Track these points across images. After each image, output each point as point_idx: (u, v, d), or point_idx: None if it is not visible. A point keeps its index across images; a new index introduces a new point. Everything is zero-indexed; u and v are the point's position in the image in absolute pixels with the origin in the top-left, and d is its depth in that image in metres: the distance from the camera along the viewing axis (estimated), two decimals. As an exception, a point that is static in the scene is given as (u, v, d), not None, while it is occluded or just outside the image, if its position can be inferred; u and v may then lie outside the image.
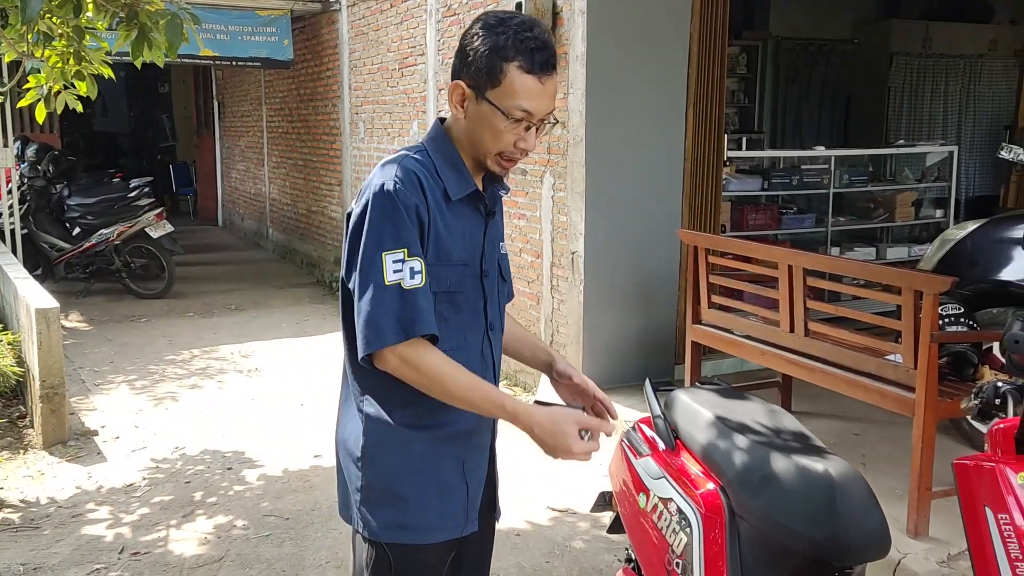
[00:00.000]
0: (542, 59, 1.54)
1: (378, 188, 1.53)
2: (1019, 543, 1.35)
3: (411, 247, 1.51)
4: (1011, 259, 3.66)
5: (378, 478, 1.61)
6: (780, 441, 2.07)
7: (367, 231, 1.52)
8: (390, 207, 1.51)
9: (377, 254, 1.50)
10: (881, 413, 4.04)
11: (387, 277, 1.49)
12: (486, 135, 1.57)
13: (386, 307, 1.48)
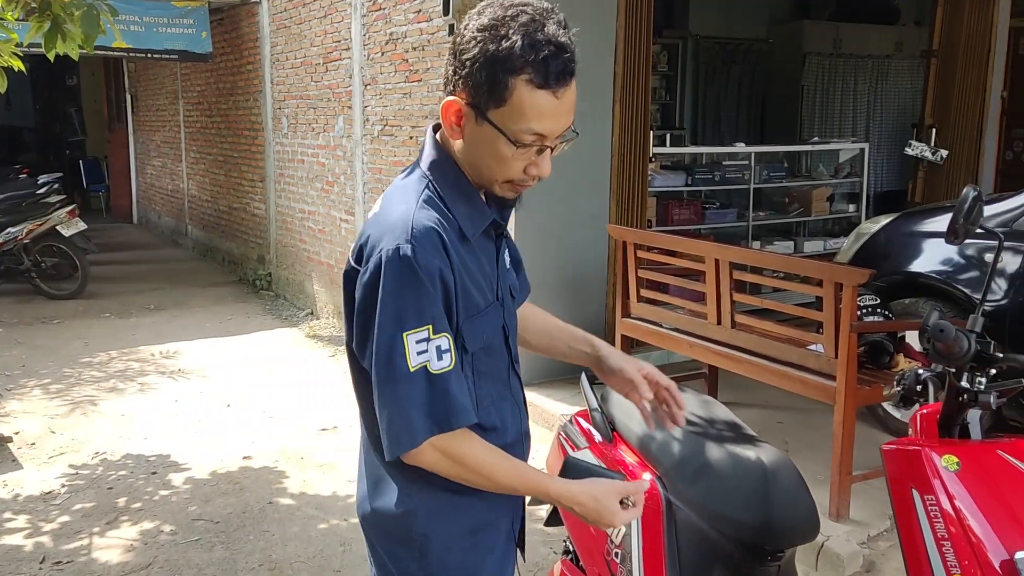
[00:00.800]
0: (558, 68, 1.23)
1: (391, 252, 1.25)
2: (944, 522, 1.42)
3: (436, 322, 1.26)
4: (921, 251, 3.84)
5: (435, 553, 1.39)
6: (714, 431, 2.13)
7: (382, 306, 1.26)
8: (409, 276, 1.24)
9: (397, 335, 1.24)
10: (802, 401, 4.19)
11: (411, 362, 1.24)
12: (490, 161, 1.30)
13: (414, 399, 1.25)
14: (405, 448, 1.27)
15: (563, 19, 1.27)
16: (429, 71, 5.13)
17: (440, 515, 1.36)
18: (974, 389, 1.51)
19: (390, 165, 5.69)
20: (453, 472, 1.31)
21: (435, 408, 1.26)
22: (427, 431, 1.26)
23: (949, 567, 1.41)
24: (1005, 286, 3.42)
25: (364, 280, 1.29)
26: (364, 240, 1.31)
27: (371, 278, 1.27)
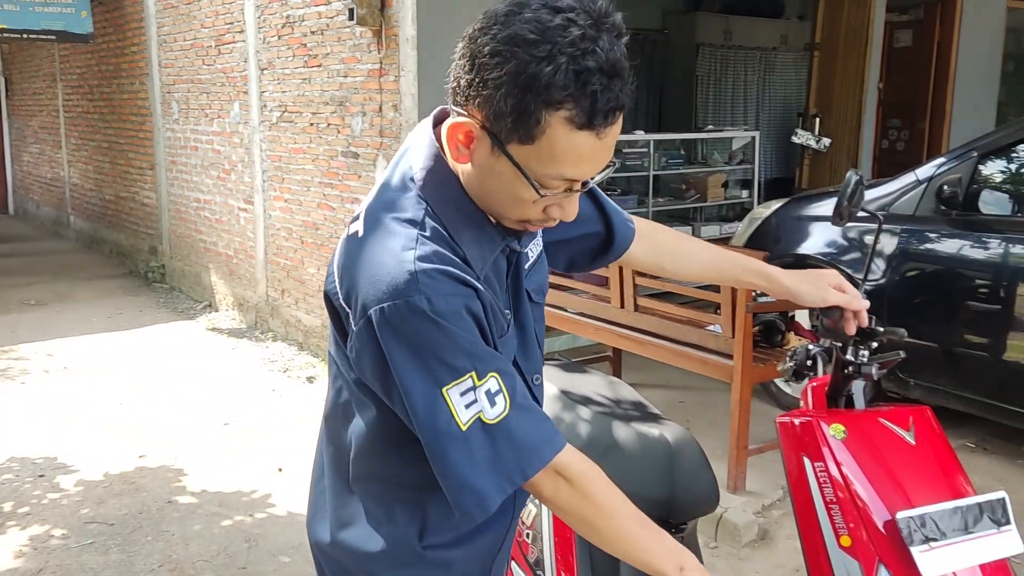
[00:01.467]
0: (608, 104, 0.97)
1: (401, 306, 1.02)
2: (833, 488, 1.51)
3: (478, 365, 1.05)
4: (809, 234, 4.03)
5: None
6: (621, 411, 2.19)
7: (406, 369, 1.04)
8: (430, 330, 1.02)
9: (435, 395, 1.04)
10: (701, 380, 4.34)
11: (461, 420, 1.04)
12: (503, 198, 1.07)
13: (476, 461, 1.05)
14: (480, 518, 1.08)
15: (619, 23, 1.00)
16: (329, 56, 5.03)
17: (409, 566, 1.22)
18: (858, 362, 1.60)
19: (290, 152, 5.57)
20: (573, 506, 1.11)
21: (502, 462, 1.06)
22: (499, 491, 1.06)
23: (837, 529, 1.49)
24: (884, 266, 3.63)
25: (365, 334, 1.07)
26: (353, 284, 1.08)
27: (380, 336, 1.04)
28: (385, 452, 1.21)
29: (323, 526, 1.28)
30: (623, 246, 1.47)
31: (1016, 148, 3.52)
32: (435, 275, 1.03)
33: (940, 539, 1.41)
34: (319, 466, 1.34)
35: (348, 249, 1.12)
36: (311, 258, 5.47)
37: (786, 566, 2.90)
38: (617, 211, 1.47)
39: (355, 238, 1.12)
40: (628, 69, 0.99)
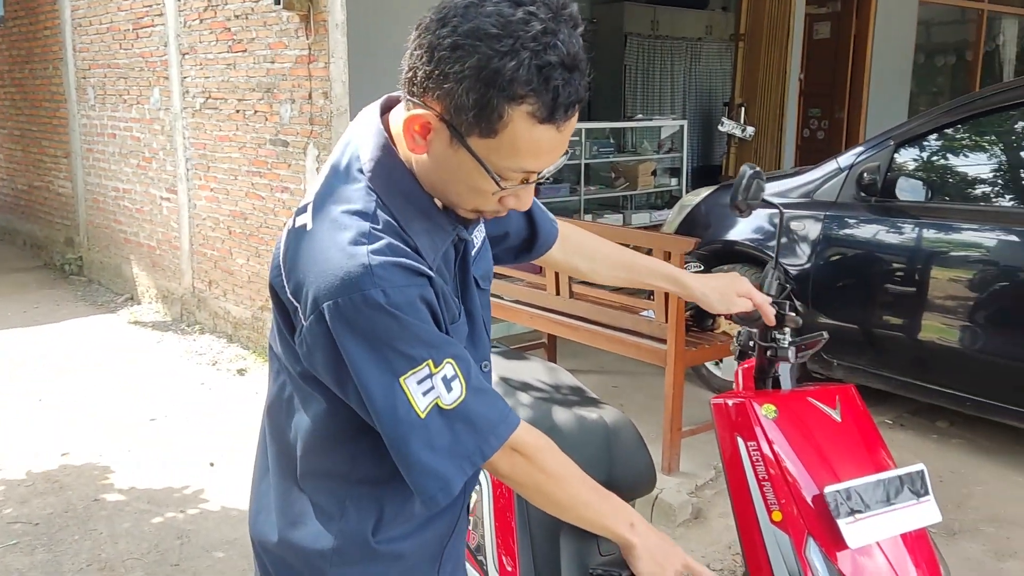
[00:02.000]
0: (569, 98, 0.99)
1: (356, 300, 1.02)
2: (765, 465, 1.56)
3: (434, 352, 1.05)
4: (736, 221, 4.13)
5: None
6: (560, 396, 2.22)
7: (363, 362, 1.04)
8: (387, 322, 1.02)
9: (393, 387, 1.04)
10: (634, 365, 4.42)
11: (419, 407, 1.05)
12: (460, 189, 1.08)
13: (436, 446, 1.06)
14: (445, 502, 1.10)
15: (575, 13, 1.01)
16: (255, 41, 4.92)
17: (360, 562, 1.20)
18: (777, 346, 1.67)
19: (215, 140, 5.43)
20: (529, 479, 1.14)
21: (461, 445, 1.07)
22: (461, 473, 1.08)
23: (769, 504, 1.55)
24: (808, 251, 3.75)
25: (317, 329, 1.06)
26: (303, 278, 1.06)
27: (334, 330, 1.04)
28: (335, 447, 1.19)
29: (268, 525, 1.26)
30: (546, 246, 1.51)
31: (929, 137, 3.68)
32: (389, 268, 1.03)
33: (864, 511, 1.48)
34: (262, 463, 1.31)
35: (296, 242, 1.10)
36: (240, 248, 5.36)
37: (719, 543, 2.99)
38: (543, 213, 1.50)
39: (303, 231, 1.10)
40: (586, 60, 1.01)
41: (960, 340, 3.38)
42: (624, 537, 1.20)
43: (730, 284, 1.59)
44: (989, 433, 3.72)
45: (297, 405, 1.21)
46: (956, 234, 3.40)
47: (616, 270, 1.60)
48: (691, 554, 2.94)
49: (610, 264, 1.60)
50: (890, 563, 1.51)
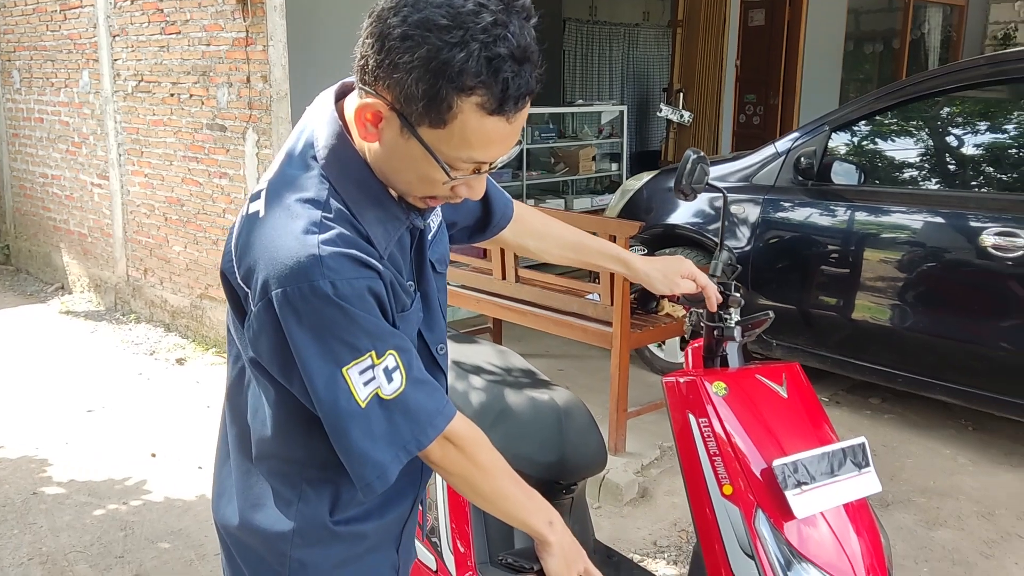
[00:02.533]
0: (519, 90, 0.99)
1: (304, 290, 1.02)
2: (716, 441, 1.61)
3: (377, 344, 1.06)
4: (678, 205, 4.21)
5: None
6: (511, 378, 2.25)
7: (306, 351, 1.05)
8: (332, 312, 1.03)
9: (336, 376, 1.05)
10: (578, 349, 4.48)
11: (360, 397, 1.06)
12: (411, 177, 1.08)
13: (375, 435, 1.08)
14: (381, 489, 1.12)
15: (528, 5, 1.02)
16: (189, 23, 4.79)
17: (321, 543, 1.22)
18: (723, 326, 1.72)
19: (149, 125, 5.28)
20: (460, 469, 1.17)
21: (399, 434, 1.09)
22: (397, 461, 1.10)
23: (720, 479, 1.60)
24: (747, 234, 3.85)
25: (264, 316, 1.06)
26: (253, 265, 1.06)
27: (281, 317, 1.04)
28: (289, 432, 1.19)
29: (230, 509, 1.26)
30: (500, 225, 1.52)
31: (861, 123, 3.80)
32: (339, 259, 1.03)
33: (810, 483, 1.54)
34: (222, 448, 1.32)
35: (248, 228, 1.10)
36: (176, 236, 5.24)
37: (665, 520, 3.06)
38: (499, 193, 1.51)
39: (256, 217, 1.09)
40: (537, 52, 1.01)
41: (891, 319, 3.51)
42: (542, 534, 1.23)
43: (674, 266, 1.63)
44: (919, 408, 3.88)
45: (255, 390, 1.22)
46: (886, 216, 3.53)
47: (564, 250, 1.63)
48: (638, 532, 3.02)
49: (559, 244, 1.62)
50: (833, 532, 1.58)
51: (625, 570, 2.16)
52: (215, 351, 4.93)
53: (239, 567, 1.28)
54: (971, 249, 3.24)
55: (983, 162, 3.58)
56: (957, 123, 3.72)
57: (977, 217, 3.25)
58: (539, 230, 1.61)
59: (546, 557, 1.24)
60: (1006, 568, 2.72)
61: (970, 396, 3.35)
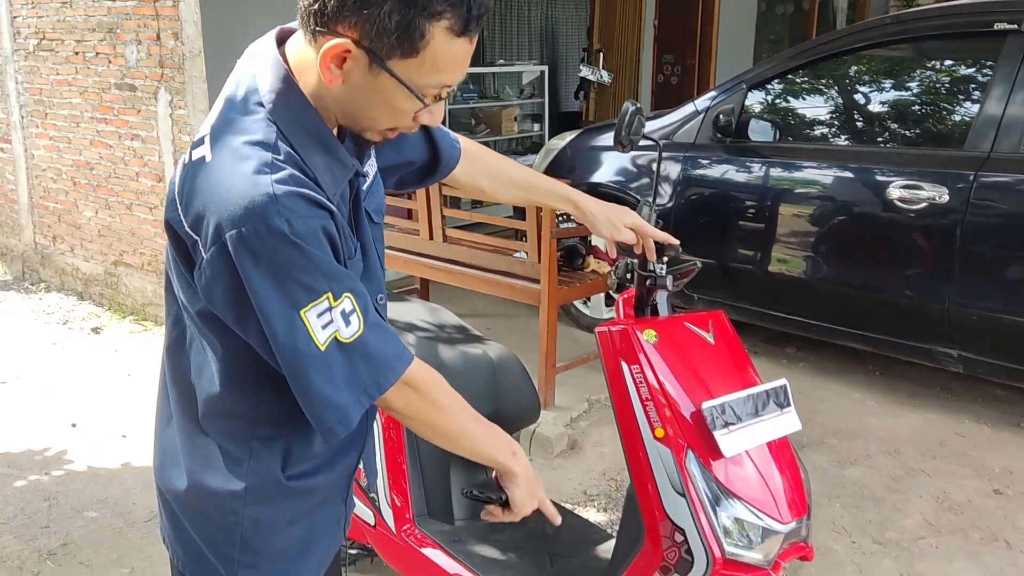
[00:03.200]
0: (480, 7, 1.04)
1: (260, 229, 1.01)
2: (647, 387, 1.67)
3: (334, 286, 1.06)
4: (600, 164, 4.26)
5: (263, 539, 1.23)
6: (444, 334, 2.27)
7: (263, 293, 1.03)
8: (289, 252, 1.02)
9: (294, 318, 1.05)
10: (506, 308, 4.53)
11: (319, 340, 1.06)
12: (378, 112, 1.10)
13: (336, 379, 1.08)
14: (343, 434, 1.12)
15: None
16: (92, -24, 4.57)
17: (274, 500, 1.22)
18: (656, 275, 1.77)
19: (53, 85, 5.03)
20: (421, 412, 1.18)
21: (359, 378, 1.09)
22: (359, 406, 1.10)
23: (652, 422, 1.66)
24: (669, 190, 3.94)
25: (218, 261, 1.04)
26: (203, 209, 1.04)
27: (237, 260, 1.02)
28: (239, 388, 1.18)
29: (176, 472, 1.24)
30: (449, 166, 1.52)
31: (775, 81, 3.91)
32: (293, 197, 1.03)
33: (737, 423, 1.62)
34: (164, 411, 1.29)
35: (194, 174, 1.08)
36: (87, 200, 5.03)
37: (595, 470, 3.15)
38: (444, 133, 1.50)
39: (202, 163, 1.07)
40: None
41: (805, 271, 3.66)
42: (507, 465, 1.26)
43: (620, 213, 1.65)
44: (831, 356, 4.07)
45: (198, 348, 1.19)
46: (799, 172, 3.66)
47: (516, 190, 1.63)
48: (568, 482, 3.10)
49: (511, 184, 1.63)
50: (758, 469, 1.67)
51: (559, 517, 2.23)
52: (133, 319, 4.79)
53: (186, 532, 1.26)
54: (878, 202, 3.39)
55: (889, 118, 3.75)
56: (864, 81, 3.86)
57: (884, 171, 3.40)
58: (492, 170, 1.61)
59: (511, 487, 1.28)
60: (910, 500, 2.91)
61: (878, 342, 3.53)
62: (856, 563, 2.59)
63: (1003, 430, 3.38)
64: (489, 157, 1.62)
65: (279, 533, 1.24)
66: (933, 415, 3.51)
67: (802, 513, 1.66)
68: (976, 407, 3.58)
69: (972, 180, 3.14)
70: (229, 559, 1.22)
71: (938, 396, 3.69)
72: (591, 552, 2.05)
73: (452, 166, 1.53)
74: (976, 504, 2.88)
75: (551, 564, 2.01)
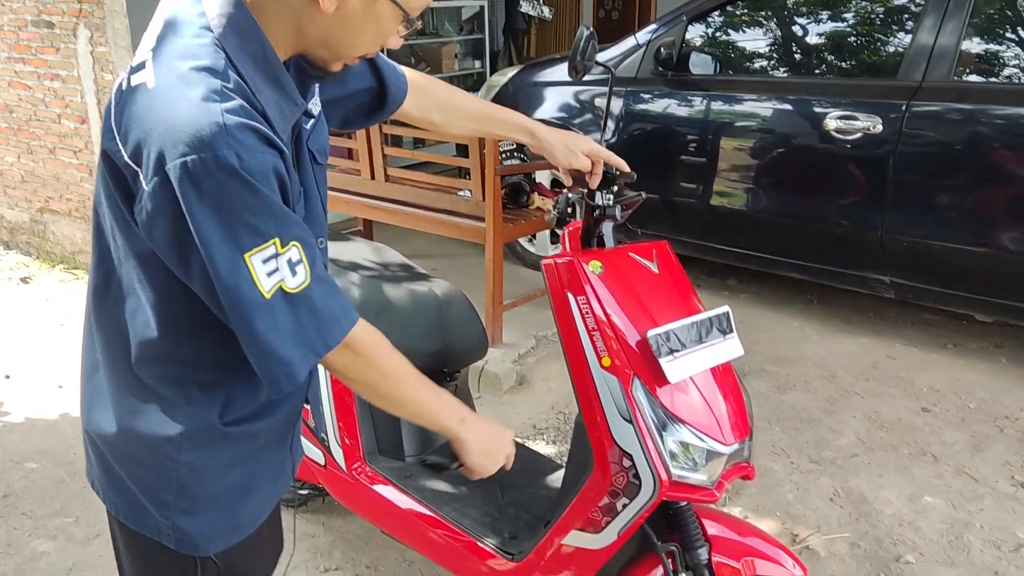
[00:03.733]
0: None
1: (207, 161, 0.95)
2: (593, 318, 1.69)
3: (281, 231, 1.01)
4: (543, 99, 4.22)
5: (200, 484, 1.19)
6: (389, 273, 2.25)
7: (206, 230, 0.97)
8: (237, 189, 0.97)
9: (237, 261, 0.99)
10: (451, 248, 4.51)
11: (263, 287, 1.01)
12: (364, 39, 1.09)
13: (281, 329, 1.03)
14: (288, 388, 1.07)
15: None
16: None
17: (211, 445, 1.17)
18: (604, 205, 1.77)
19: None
20: (363, 375, 1.15)
21: (305, 332, 1.05)
22: (305, 361, 1.06)
23: (599, 352, 1.68)
24: (611, 125, 3.93)
25: (161, 194, 0.97)
26: (145, 138, 0.98)
27: (181, 193, 0.96)
28: (178, 332, 1.13)
29: (105, 417, 1.19)
30: (397, 99, 1.46)
31: (715, 13, 3.89)
32: (244, 130, 0.97)
33: (681, 350, 1.65)
34: (89, 358, 1.22)
35: (133, 100, 1.01)
36: (7, 145, 4.80)
37: (543, 405, 3.19)
38: (389, 64, 1.44)
39: (143, 89, 1.00)
40: None
41: (746, 203, 3.71)
42: (455, 432, 1.25)
43: (576, 140, 1.63)
44: (771, 287, 4.16)
45: (132, 290, 1.12)
46: (740, 105, 3.68)
47: (469, 121, 1.60)
48: (518, 417, 3.13)
49: (463, 115, 1.59)
50: (702, 394, 1.70)
51: (509, 450, 2.25)
52: (63, 267, 4.64)
53: (117, 476, 1.21)
54: (816, 134, 3.44)
55: (826, 49, 3.78)
56: (802, 12, 3.88)
57: (821, 103, 3.44)
58: (443, 102, 1.56)
59: (464, 454, 1.27)
60: (845, 421, 3.03)
61: (816, 272, 3.62)
62: (794, 481, 2.69)
63: (931, 351, 3.52)
64: (439, 88, 1.57)
65: (217, 478, 1.19)
66: (867, 340, 3.63)
67: (744, 435, 1.71)
68: (907, 331, 3.71)
69: (904, 110, 3.20)
70: (164, 504, 1.18)
71: (872, 322, 3.81)
72: (542, 482, 2.09)
73: (400, 99, 1.48)
74: (906, 422, 3.01)
75: (503, 495, 2.04)
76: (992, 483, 2.66)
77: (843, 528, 2.48)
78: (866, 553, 2.38)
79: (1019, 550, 2.37)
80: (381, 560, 2.37)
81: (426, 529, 1.97)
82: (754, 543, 1.74)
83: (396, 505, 2.03)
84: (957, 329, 3.70)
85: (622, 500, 1.65)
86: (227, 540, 1.23)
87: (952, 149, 3.15)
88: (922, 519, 2.51)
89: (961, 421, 3.01)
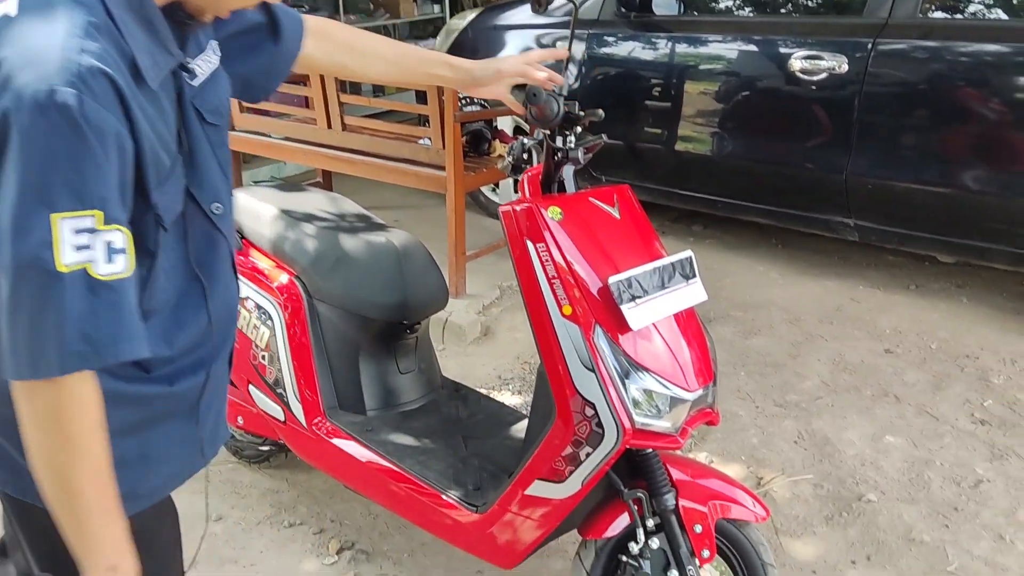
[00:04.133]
0: None
1: (42, 95, 0.84)
2: (553, 265, 1.64)
3: (108, 207, 0.88)
4: (504, 44, 4.12)
5: None
6: (346, 224, 2.19)
7: (19, 170, 0.85)
8: (68, 135, 0.85)
9: (40, 216, 0.85)
10: (413, 199, 4.43)
11: (61, 257, 0.85)
12: None
13: (66, 311, 0.87)
14: (43, 375, 0.89)
15: None
16: None
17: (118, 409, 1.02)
18: (565, 148, 1.72)
19: None
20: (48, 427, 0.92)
21: (96, 327, 0.88)
22: (80, 359, 0.89)
23: (560, 300, 1.64)
24: (574, 70, 3.84)
25: None
26: None
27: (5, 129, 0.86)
28: None
29: None
30: (295, 42, 1.35)
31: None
32: (100, 76, 0.88)
33: (643, 296, 1.62)
34: None
35: None
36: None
37: (508, 355, 3.17)
38: (282, 7, 1.33)
39: (6, 20, 0.92)
40: None
41: (711, 148, 3.67)
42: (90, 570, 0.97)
43: (496, 62, 1.58)
44: (736, 232, 4.15)
45: None
46: (704, 47, 3.62)
47: (388, 65, 1.53)
48: (483, 368, 3.11)
49: (380, 59, 1.52)
50: (665, 341, 1.68)
51: (472, 401, 2.23)
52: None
53: None
54: (781, 75, 3.39)
55: (791, -11, 3.71)
56: (768, -49, 3.80)
57: (786, 43, 3.39)
58: (353, 45, 1.49)
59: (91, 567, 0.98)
60: (809, 364, 3.04)
61: (780, 215, 3.61)
62: (759, 425, 2.71)
63: (894, 293, 3.54)
64: (344, 32, 1.50)
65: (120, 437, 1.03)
66: (831, 283, 3.64)
67: (708, 380, 1.69)
68: (870, 273, 3.73)
69: (870, 49, 3.15)
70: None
71: (836, 265, 3.82)
72: (505, 433, 2.07)
73: (297, 42, 1.36)
74: (868, 363, 3.03)
75: (466, 447, 2.02)
76: (952, 421, 2.70)
77: (807, 470, 2.50)
78: (829, 493, 2.40)
79: (978, 486, 2.41)
80: (346, 514, 2.35)
81: (389, 483, 1.95)
82: (719, 487, 1.74)
83: (358, 460, 2.00)
84: (919, 270, 3.72)
85: (585, 449, 1.63)
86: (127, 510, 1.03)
87: (917, 88, 3.13)
88: (884, 458, 2.54)
89: (923, 361, 3.04)
